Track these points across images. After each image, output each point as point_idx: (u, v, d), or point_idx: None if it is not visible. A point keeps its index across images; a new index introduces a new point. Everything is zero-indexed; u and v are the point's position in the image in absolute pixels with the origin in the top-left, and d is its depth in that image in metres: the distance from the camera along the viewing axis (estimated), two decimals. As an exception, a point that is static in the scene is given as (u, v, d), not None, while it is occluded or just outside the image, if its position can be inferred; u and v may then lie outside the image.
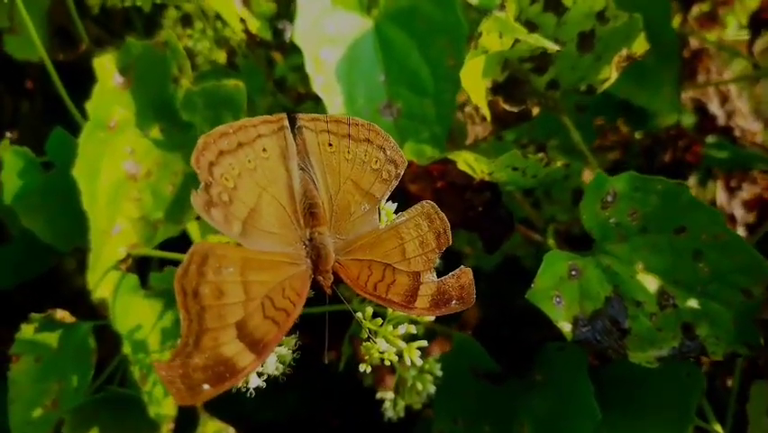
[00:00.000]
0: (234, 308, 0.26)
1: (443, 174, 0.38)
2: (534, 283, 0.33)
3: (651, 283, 0.34)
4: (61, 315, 0.41)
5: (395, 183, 0.30)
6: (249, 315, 0.26)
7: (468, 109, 0.39)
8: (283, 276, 0.28)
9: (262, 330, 0.26)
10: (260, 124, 0.30)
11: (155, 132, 0.43)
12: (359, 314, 0.32)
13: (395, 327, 0.33)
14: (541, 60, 0.38)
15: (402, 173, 0.30)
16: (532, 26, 0.37)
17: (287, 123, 0.30)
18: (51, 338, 0.40)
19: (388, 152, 0.30)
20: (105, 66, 0.41)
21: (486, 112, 0.36)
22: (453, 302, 0.30)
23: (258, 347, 0.26)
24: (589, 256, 0.35)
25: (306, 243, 0.29)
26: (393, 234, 0.30)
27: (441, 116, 0.40)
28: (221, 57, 0.41)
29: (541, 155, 0.35)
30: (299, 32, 0.40)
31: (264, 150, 0.30)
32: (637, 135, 0.49)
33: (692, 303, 0.33)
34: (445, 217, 0.29)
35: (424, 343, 0.33)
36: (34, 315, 0.40)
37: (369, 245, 0.30)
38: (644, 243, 0.34)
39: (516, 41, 0.33)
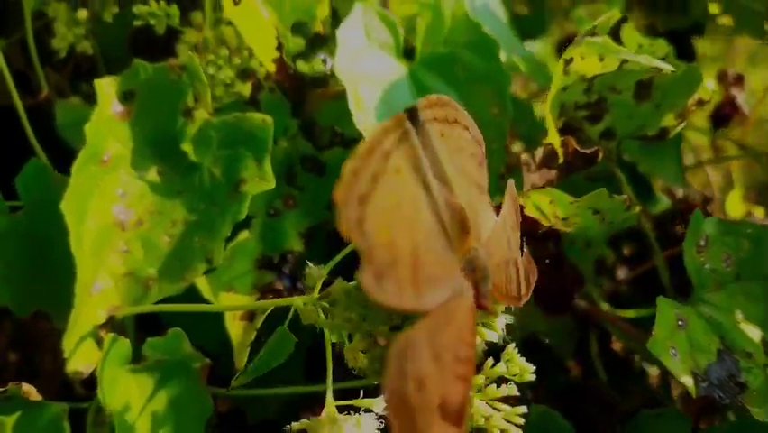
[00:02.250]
0: (435, 389, 0.21)
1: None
2: (654, 332, 0.28)
3: (754, 333, 0.31)
4: (26, 390, 0.30)
5: (486, 168, 0.27)
6: (446, 388, 0.21)
7: (524, 156, 0.36)
8: (459, 322, 0.22)
9: (456, 395, 0.21)
10: (383, 138, 0.24)
11: (152, 174, 0.37)
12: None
13: (498, 385, 0.27)
14: (596, 108, 0.37)
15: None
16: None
17: (408, 123, 0.25)
18: (7, 422, 0.30)
19: (472, 131, 0.26)
20: (105, 89, 0.35)
21: (559, 151, 0.33)
22: (531, 279, 0.27)
23: (457, 418, 0.21)
24: (689, 306, 0.32)
25: (464, 266, 0.23)
26: (501, 225, 0.26)
27: (490, 166, 0.37)
28: (245, 89, 0.36)
29: (624, 197, 0.32)
30: (340, 65, 0.36)
31: (397, 171, 0.23)
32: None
33: (800, 355, 0.31)
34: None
35: (524, 409, 0.28)
36: (-14, 387, 0.30)
37: (493, 245, 0.25)
38: (740, 290, 0.32)
39: (624, 61, 0.31)
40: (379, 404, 0.25)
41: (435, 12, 0.39)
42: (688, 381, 0.29)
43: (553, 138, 0.32)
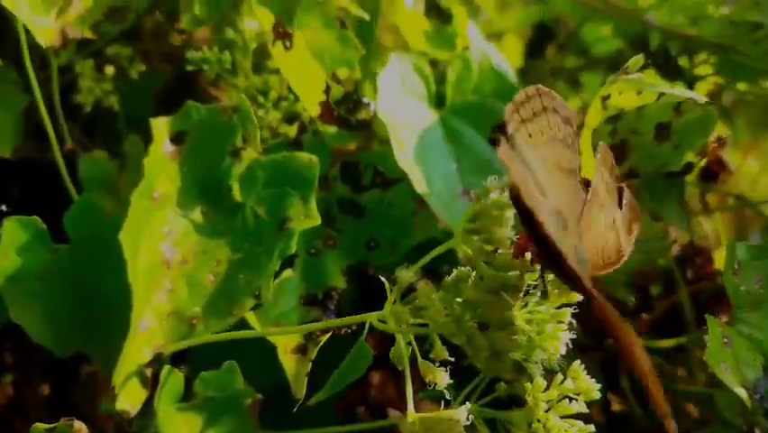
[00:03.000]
0: None
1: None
2: (709, 345, 0.30)
3: (794, 352, 0.33)
4: (78, 428, 0.29)
5: (577, 147, 0.28)
6: None
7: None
8: None
9: None
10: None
11: (196, 213, 0.37)
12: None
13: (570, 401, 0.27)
14: (620, 150, 0.39)
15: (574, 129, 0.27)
16: (616, 115, 0.39)
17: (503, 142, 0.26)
18: (63, 463, 0.28)
19: (561, 112, 0.27)
20: (159, 129, 0.36)
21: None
22: (633, 228, 0.29)
23: None
24: (729, 326, 0.33)
25: None
26: (594, 200, 0.27)
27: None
28: (291, 131, 0.38)
29: (661, 224, 0.34)
30: (383, 110, 0.38)
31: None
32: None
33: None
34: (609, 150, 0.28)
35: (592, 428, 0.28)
36: (39, 426, 0.29)
37: (586, 222, 0.27)
38: (774, 311, 0.33)
39: (662, 94, 0.34)
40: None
41: (465, 63, 0.42)
42: (742, 392, 0.30)
43: (590, 173, 0.34)
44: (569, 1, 0.59)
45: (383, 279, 0.28)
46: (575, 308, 0.27)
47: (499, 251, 0.26)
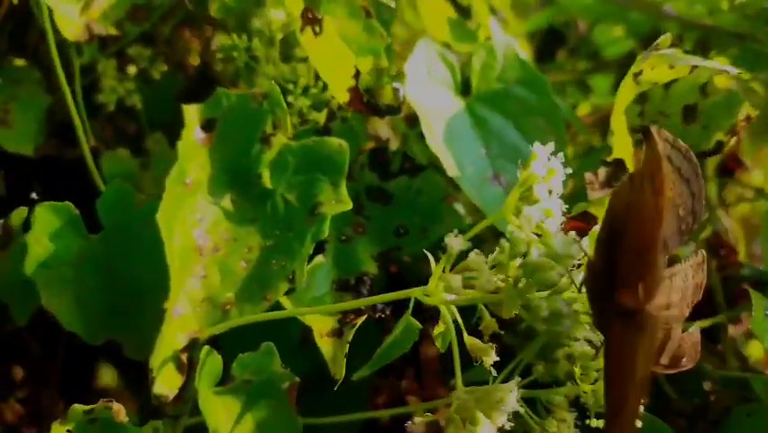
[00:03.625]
0: None
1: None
2: (754, 314, 0.29)
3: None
4: (116, 409, 0.29)
5: (686, 240, 0.27)
6: None
7: (588, 176, 0.38)
8: None
9: None
10: None
11: (226, 201, 0.37)
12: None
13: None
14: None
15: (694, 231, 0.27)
16: (643, 95, 0.39)
17: None
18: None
19: (696, 202, 0.26)
20: (190, 116, 0.36)
21: (630, 166, 0.35)
22: (684, 360, 0.27)
23: None
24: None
25: None
26: (667, 284, 0.26)
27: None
28: (321, 117, 0.38)
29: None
30: (411, 95, 0.38)
31: None
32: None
33: None
34: (706, 270, 0.27)
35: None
36: (77, 407, 0.28)
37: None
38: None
39: (694, 67, 0.34)
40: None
41: (489, 51, 0.42)
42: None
43: (625, 151, 0.34)
44: (583, 0, 0.60)
45: (428, 254, 0.28)
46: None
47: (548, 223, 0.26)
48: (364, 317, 0.33)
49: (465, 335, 0.27)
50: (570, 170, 0.27)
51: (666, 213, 0.24)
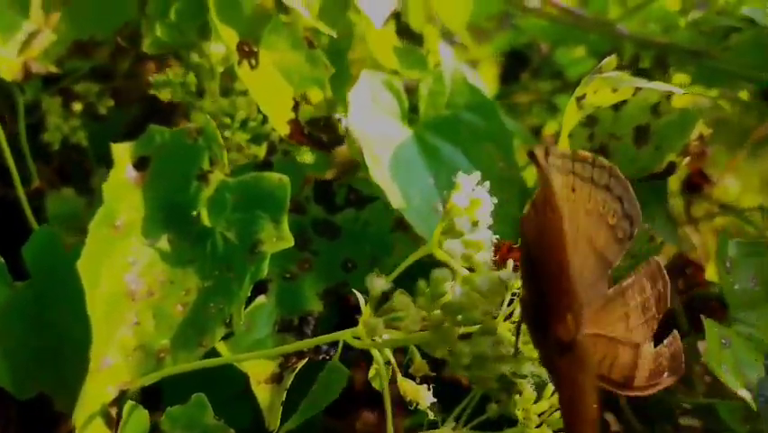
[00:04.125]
0: None
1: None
2: (708, 345, 0.28)
3: (798, 351, 0.31)
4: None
5: (628, 246, 0.25)
6: None
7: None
8: None
9: None
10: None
11: (163, 242, 0.36)
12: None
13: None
14: (601, 153, 0.38)
15: (636, 233, 0.25)
16: (592, 119, 0.38)
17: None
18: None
19: (626, 205, 0.25)
20: (120, 154, 0.34)
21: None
22: (665, 375, 0.25)
23: None
24: (725, 326, 0.31)
25: None
26: (619, 301, 0.25)
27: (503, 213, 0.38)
28: (261, 152, 0.36)
29: (647, 226, 0.33)
30: (355, 126, 0.37)
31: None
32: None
33: None
34: (667, 276, 0.25)
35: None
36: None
37: (596, 317, 0.25)
38: (772, 309, 0.32)
39: (638, 89, 0.33)
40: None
41: (437, 78, 0.41)
42: (746, 394, 0.28)
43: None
44: (540, 22, 0.59)
45: (358, 293, 0.26)
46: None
47: (477, 255, 0.25)
48: (304, 361, 0.32)
49: (399, 377, 0.25)
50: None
51: (574, 232, 0.23)
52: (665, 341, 0.26)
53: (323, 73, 0.39)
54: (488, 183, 0.25)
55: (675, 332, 0.26)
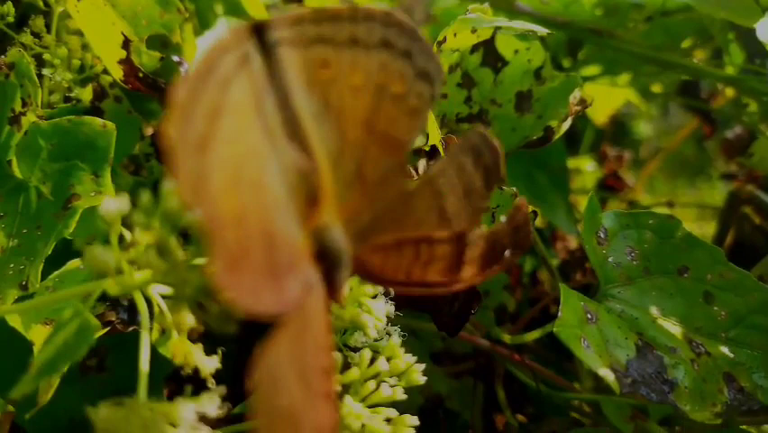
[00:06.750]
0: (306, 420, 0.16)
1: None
2: (561, 314, 0.24)
3: (675, 329, 0.27)
4: None
5: (429, 111, 0.20)
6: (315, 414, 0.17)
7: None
8: (315, 325, 0.17)
9: (326, 420, 0.17)
10: (219, 58, 0.17)
11: (-32, 195, 0.30)
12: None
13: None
14: (478, 120, 0.35)
15: (440, 93, 0.20)
16: (470, 79, 0.34)
17: (252, 44, 0.18)
18: None
19: (418, 60, 0.19)
20: None
21: (441, 150, 0.30)
22: (507, 252, 0.20)
23: None
24: (597, 301, 0.28)
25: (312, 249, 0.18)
26: (427, 192, 0.20)
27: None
28: (86, 95, 0.31)
29: (514, 189, 0.29)
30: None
31: (240, 109, 0.17)
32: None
33: (724, 350, 0.27)
34: (497, 145, 0.20)
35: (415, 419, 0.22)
36: None
37: (393, 219, 0.20)
38: (651, 286, 0.28)
39: (498, 28, 0.29)
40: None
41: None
42: (608, 374, 0.24)
43: (435, 138, 0.29)
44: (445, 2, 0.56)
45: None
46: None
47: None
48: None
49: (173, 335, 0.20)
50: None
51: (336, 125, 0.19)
52: (504, 217, 0.20)
53: (175, 18, 0.34)
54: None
55: (519, 201, 0.20)
